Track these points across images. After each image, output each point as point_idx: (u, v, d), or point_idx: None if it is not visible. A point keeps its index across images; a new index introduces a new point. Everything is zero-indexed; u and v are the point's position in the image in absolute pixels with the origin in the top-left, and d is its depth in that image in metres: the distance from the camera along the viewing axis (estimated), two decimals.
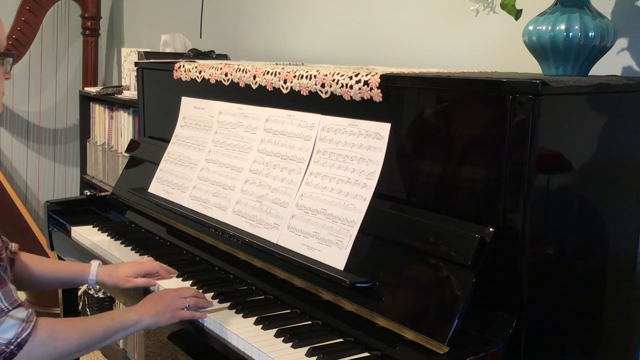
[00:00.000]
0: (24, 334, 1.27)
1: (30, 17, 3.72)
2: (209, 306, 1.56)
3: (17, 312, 1.29)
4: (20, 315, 1.29)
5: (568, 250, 1.36)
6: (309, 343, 1.38)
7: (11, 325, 1.27)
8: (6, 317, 1.27)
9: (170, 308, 1.49)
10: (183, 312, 1.50)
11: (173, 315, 1.49)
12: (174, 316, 1.49)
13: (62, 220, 2.30)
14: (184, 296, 1.52)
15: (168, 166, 2.15)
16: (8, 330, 1.26)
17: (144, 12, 3.84)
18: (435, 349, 1.24)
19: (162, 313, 1.48)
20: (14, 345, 1.27)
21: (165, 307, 1.49)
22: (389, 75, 1.47)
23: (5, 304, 1.28)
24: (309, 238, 1.56)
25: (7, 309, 1.27)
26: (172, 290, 1.56)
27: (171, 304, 1.50)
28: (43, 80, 4.05)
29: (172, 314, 1.49)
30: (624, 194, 1.45)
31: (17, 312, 1.29)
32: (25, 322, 1.29)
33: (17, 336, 1.27)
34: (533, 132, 1.20)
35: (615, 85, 1.35)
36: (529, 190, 1.22)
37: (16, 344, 1.27)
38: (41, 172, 4.13)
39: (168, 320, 1.49)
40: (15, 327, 1.27)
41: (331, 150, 1.60)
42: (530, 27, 1.44)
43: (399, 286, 1.37)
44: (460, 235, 1.28)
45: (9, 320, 1.27)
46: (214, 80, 2.01)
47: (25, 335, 1.27)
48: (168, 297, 1.52)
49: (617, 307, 1.50)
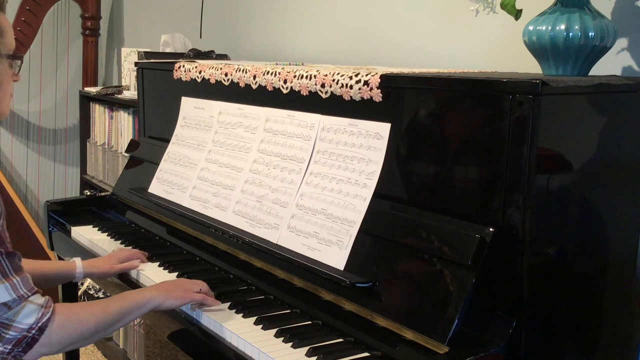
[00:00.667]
0: (44, 318, 1.31)
1: (30, 17, 3.72)
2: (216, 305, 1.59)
3: (35, 298, 1.33)
4: (39, 301, 1.32)
5: (568, 250, 1.36)
6: (309, 343, 1.38)
7: (32, 310, 1.31)
8: (26, 303, 1.31)
9: (182, 288, 1.55)
10: (195, 294, 1.55)
11: (184, 295, 1.54)
12: (184, 296, 1.53)
13: (62, 220, 2.30)
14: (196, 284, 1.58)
15: (168, 166, 2.15)
16: (29, 316, 1.30)
17: (144, 12, 3.84)
18: (435, 349, 1.24)
19: (173, 291, 1.53)
20: (36, 329, 1.30)
21: (177, 288, 1.55)
22: (389, 75, 1.47)
23: (25, 290, 1.31)
24: (309, 238, 1.56)
25: (27, 295, 1.31)
26: (187, 280, 1.64)
27: (184, 286, 1.56)
28: (43, 80, 4.05)
29: (183, 293, 1.54)
30: (624, 194, 1.45)
31: (35, 298, 1.33)
32: (45, 307, 1.32)
33: (37, 321, 1.31)
34: (533, 132, 1.20)
35: (615, 85, 1.35)
36: (529, 190, 1.22)
37: (37, 329, 1.31)
38: (41, 172, 4.13)
39: (179, 298, 1.53)
40: (36, 312, 1.31)
41: (331, 150, 1.60)
42: (530, 27, 1.44)
43: (399, 286, 1.37)
44: (460, 235, 1.28)
45: (29, 305, 1.31)
46: (214, 80, 2.01)
47: (45, 320, 1.31)
48: (183, 282, 1.60)
49: (617, 307, 1.50)
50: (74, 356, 2.42)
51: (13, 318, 1.29)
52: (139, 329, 2.90)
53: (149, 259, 1.91)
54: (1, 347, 1.29)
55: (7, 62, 1.41)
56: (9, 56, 1.41)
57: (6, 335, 1.29)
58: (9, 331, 1.29)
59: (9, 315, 1.28)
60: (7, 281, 1.28)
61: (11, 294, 1.28)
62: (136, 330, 2.95)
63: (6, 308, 1.28)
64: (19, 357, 1.32)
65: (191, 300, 1.54)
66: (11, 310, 1.28)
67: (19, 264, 1.33)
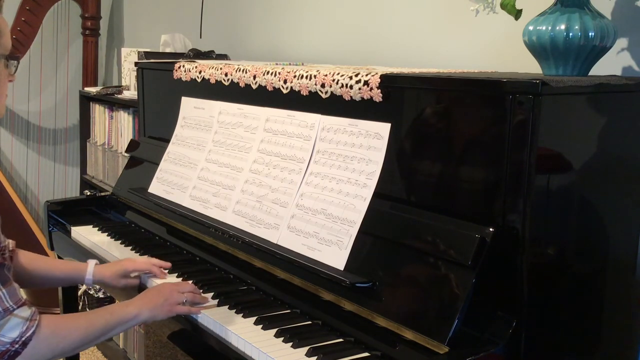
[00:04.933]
0: (28, 332, 1.29)
1: (30, 17, 3.72)
2: (205, 302, 1.58)
3: (21, 311, 1.30)
4: (24, 314, 1.30)
5: (568, 250, 1.36)
6: (309, 343, 1.38)
7: (16, 324, 1.29)
8: (11, 317, 1.29)
9: (168, 302, 1.51)
10: (180, 307, 1.53)
11: (170, 309, 1.51)
12: (171, 310, 1.51)
13: (62, 220, 2.30)
14: (181, 291, 1.55)
15: (168, 166, 2.15)
16: (13, 329, 1.28)
17: (144, 12, 3.84)
18: (435, 349, 1.24)
19: (159, 307, 1.50)
20: (19, 344, 1.29)
21: (163, 301, 1.51)
22: (389, 75, 1.47)
23: (10, 303, 1.29)
24: (309, 238, 1.56)
25: (12, 308, 1.29)
26: (170, 285, 1.59)
27: (169, 298, 1.52)
28: (43, 80, 4.05)
29: (169, 307, 1.51)
30: (624, 194, 1.45)
31: (21, 311, 1.30)
32: (30, 321, 1.30)
33: (21, 335, 1.29)
34: (533, 132, 1.20)
35: (615, 85, 1.35)
36: (529, 190, 1.22)
37: (21, 343, 1.29)
38: (41, 172, 4.12)
39: (165, 314, 1.51)
40: (20, 325, 1.29)
41: (331, 150, 1.60)
42: (530, 27, 1.44)
43: (399, 286, 1.37)
44: (460, 235, 1.28)
45: (13, 319, 1.29)
46: (214, 80, 2.01)
47: (29, 334, 1.29)
48: (166, 292, 1.54)
49: (617, 307, 1.50)
50: (73, 356, 2.42)
51: None
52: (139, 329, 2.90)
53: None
54: None
55: (3, 62, 1.40)
56: (5, 57, 1.40)
57: None
58: None
59: None
60: None
61: None
62: (136, 330, 2.95)
63: None
64: None
65: (176, 313, 1.52)
66: None
67: (7, 275, 1.31)
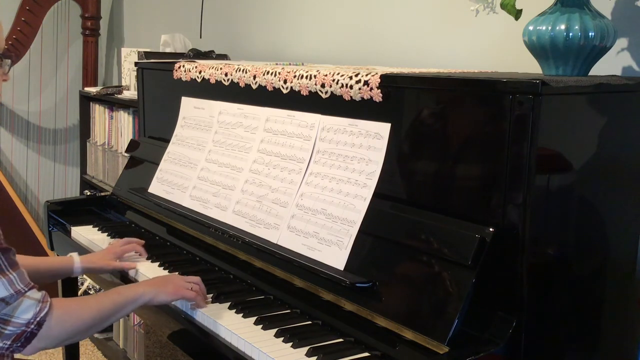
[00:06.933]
0: (41, 313, 1.31)
1: (30, 17, 3.72)
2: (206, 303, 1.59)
3: (32, 293, 1.32)
4: (36, 296, 1.32)
5: (568, 250, 1.36)
6: (309, 343, 1.38)
7: (29, 305, 1.30)
8: (24, 298, 1.30)
9: (174, 284, 1.56)
10: (187, 291, 1.55)
11: (176, 291, 1.54)
12: (176, 292, 1.54)
13: (62, 220, 2.31)
14: (188, 281, 1.59)
15: (168, 166, 2.15)
16: (27, 311, 1.30)
17: (144, 12, 3.84)
18: (435, 349, 1.24)
19: (165, 287, 1.55)
20: (34, 324, 1.30)
21: (169, 283, 1.56)
22: (389, 75, 1.47)
23: (22, 285, 1.31)
24: (309, 238, 1.56)
25: (24, 290, 1.31)
26: (180, 276, 1.65)
27: (176, 282, 1.57)
28: (43, 80, 4.05)
29: (175, 289, 1.55)
30: (624, 194, 1.45)
31: (32, 293, 1.32)
32: (42, 302, 1.32)
33: (35, 315, 1.31)
34: (533, 132, 1.20)
35: (615, 85, 1.35)
36: (529, 190, 1.22)
37: (35, 323, 1.31)
38: (41, 172, 4.13)
39: (170, 294, 1.54)
40: (33, 307, 1.31)
41: (331, 150, 1.60)
42: (530, 27, 1.44)
43: (398, 286, 1.37)
44: (460, 235, 1.28)
45: (26, 300, 1.30)
46: (214, 80, 2.01)
47: (43, 315, 1.31)
48: (174, 278, 1.61)
49: (617, 307, 1.50)
50: (74, 356, 2.42)
51: (11, 314, 1.29)
52: (139, 329, 2.90)
53: (150, 259, 1.91)
54: (0, 343, 1.29)
55: None
56: None
57: (5, 331, 1.29)
58: (8, 327, 1.29)
59: (7, 311, 1.28)
60: (4, 277, 1.28)
61: (8, 290, 1.28)
62: (136, 330, 2.95)
63: (4, 304, 1.28)
64: (18, 352, 1.32)
65: (182, 296, 1.55)
66: (9, 306, 1.28)
67: (14, 259, 1.33)
